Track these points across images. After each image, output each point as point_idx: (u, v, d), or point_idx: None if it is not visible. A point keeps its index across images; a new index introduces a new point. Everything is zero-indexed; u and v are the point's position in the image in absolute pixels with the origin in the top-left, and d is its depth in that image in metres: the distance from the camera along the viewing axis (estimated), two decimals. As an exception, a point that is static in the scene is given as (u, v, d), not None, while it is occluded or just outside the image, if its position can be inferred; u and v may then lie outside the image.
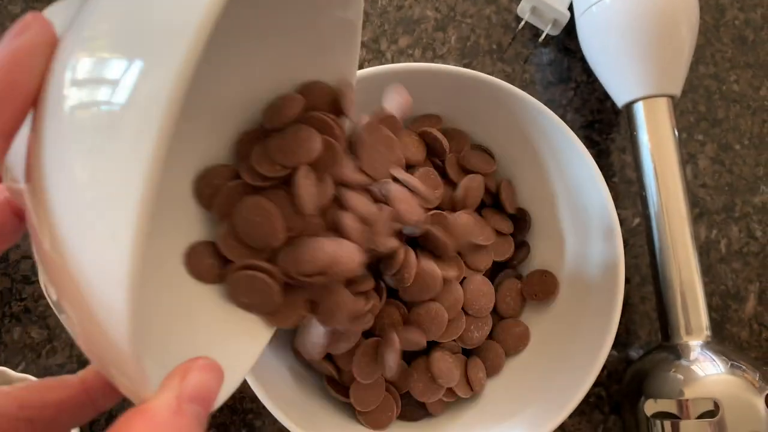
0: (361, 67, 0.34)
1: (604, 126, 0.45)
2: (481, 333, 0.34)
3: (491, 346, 0.35)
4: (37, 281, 0.40)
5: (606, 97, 0.44)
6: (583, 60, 0.44)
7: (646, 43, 0.38)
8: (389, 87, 0.30)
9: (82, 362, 0.39)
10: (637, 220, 0.43)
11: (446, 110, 0.37)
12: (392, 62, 0.44)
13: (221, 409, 0.39)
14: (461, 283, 0.34)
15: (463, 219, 0.34)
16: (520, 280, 0.37)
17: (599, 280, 0.34)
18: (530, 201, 0.38)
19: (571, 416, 0.40)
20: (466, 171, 0.36)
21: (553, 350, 0.35)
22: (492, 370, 0.35)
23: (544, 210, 0.38)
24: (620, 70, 0.39)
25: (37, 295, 0.40)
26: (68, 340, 0.39)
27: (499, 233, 0.36)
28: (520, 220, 0.38)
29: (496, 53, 0.45)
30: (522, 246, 0.38)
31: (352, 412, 0.34)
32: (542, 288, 0.36)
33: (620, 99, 0.40)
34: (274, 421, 0.34)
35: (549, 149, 0.36)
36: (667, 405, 0.35)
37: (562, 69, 0.45)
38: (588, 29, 0.40)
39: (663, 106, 0.38)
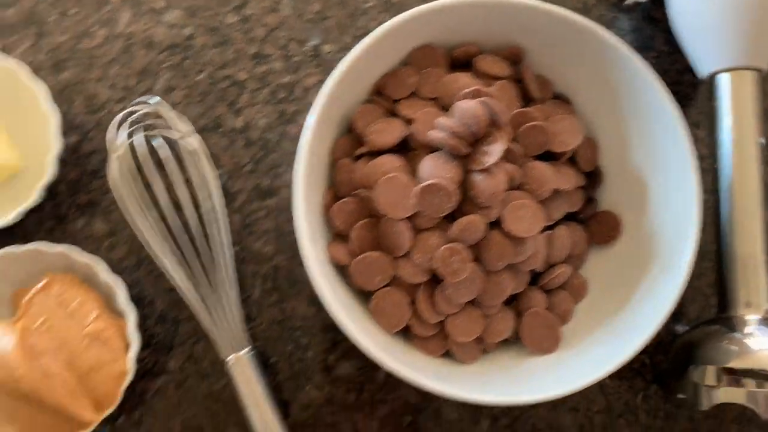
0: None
1: (680, 98, 0.44)
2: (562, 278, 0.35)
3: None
4: (105, 176, 0.41)
5: (686, 69, 0.43)
6: (666, 31, 0.43)
7: (742, 11, 0.37)
8: None
9: (142, 258, 0.40)
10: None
11: (531, 55, 0.37)
12: None
13: (270, 323, 0.40)
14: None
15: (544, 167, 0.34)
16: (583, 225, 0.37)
17: (668, 242, 0.34)
18: (604, 157, 0.38)
19: (612, 379, 0.40)
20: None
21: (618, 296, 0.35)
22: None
23: (616, 167, 0.38)
24: (709, 38, 0.39)
25: (104, 189, 0.41)
26: (129, 236, 0.40)
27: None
28: (591, 175, 0.38)
29: (581, 12, 0.45)
30: (590, 201, 0.38)
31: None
32: (605, 229, 0.37)
33: (704, 69, 0.39)
34: (321, 341, 0.35)
35: (634, 107, 0.36)
36: (718, 374, 0.34)
37: (644, 37, 0.45)
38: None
39: (749, 79, 0.38)
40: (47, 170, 0.37)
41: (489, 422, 0.40)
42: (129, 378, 0.35)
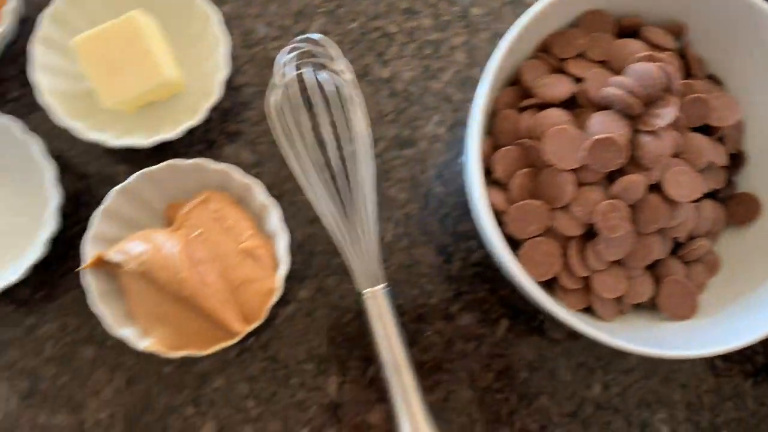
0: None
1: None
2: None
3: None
4: (256, 108, 0.43)
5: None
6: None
7: None
8: None
9: (283, 191, 0.41)
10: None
11: (690, 33, 0.38)
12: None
13: (399, 266, 0.41)
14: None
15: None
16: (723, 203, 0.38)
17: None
18: (747, 141, 0.39)
19: (723, 361, 0.41)
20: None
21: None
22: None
23: (758, 151, 0.38)
24: None
25: (253, 121, 0.42)
26: (273, 169, 0.42)
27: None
28: (734, 157, 0.39)
29: None
30: (729, 182, 0.39)
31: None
32: (743, 210, 0.37)
33: None
34: (445, 291, 0.35)
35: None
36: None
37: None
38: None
39: None
40: (215, 92, 0.39)
41: (600, 388, 0.41)
42: (277, 296, 0.36)
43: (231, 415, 0.39)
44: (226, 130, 0.42)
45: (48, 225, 0.37)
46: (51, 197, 0.37)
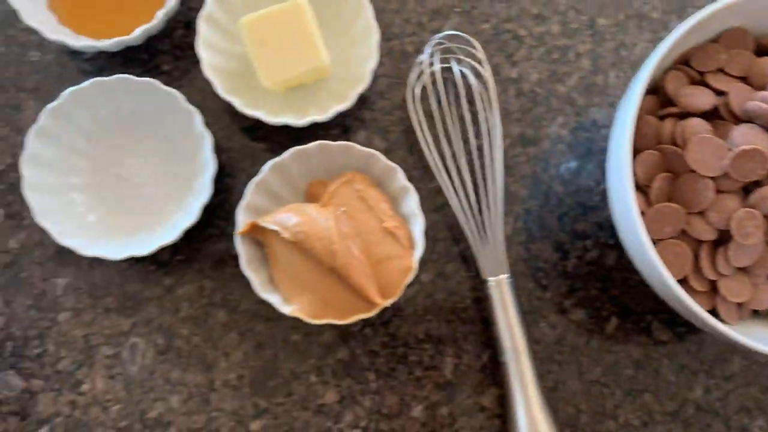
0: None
1: None
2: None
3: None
4: (389, 98, 0.45)
5: None
6: None
7: None
8: None
9: (410, 179, 0.44)
10: None
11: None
12: None
13: (516, 259, 0.43)
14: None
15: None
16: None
17: None
18: None
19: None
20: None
21: None
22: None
23: None
24: None
25: (386, 110, 0.44)
26: (402, 157, 0.44)
27: None
28: None
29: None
30: None
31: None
32: None
33: None
34: (560, 286, 0.37)
35: None
36: None
37: None
38: None
39: None
40: (365, 79, 0.41)
41: (702, 391, 0.43)
42: (413, 274, 0.38)
43: (351, 385, 0.41)
44: (361, 116, 0.45)
45: (203, 193, 0.39)
46: (207, 166, 0.39)
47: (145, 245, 0.39)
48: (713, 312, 0.38)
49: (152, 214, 0.42)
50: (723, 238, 0.36)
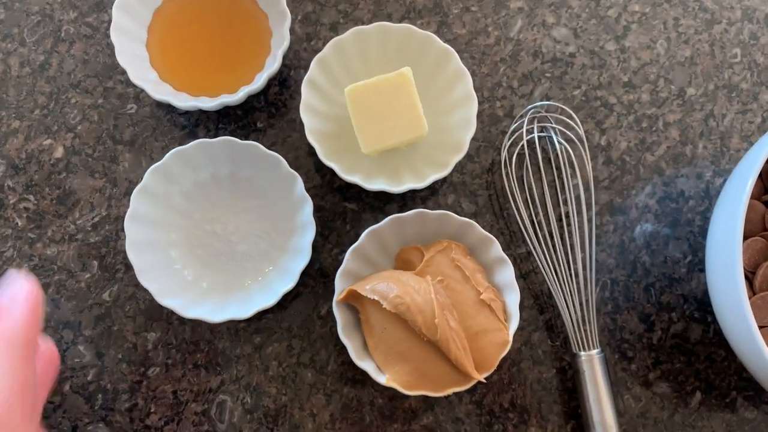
0: None
1: None
2: None
3: None
4: (479, 162, 0.45)
5: None
6: None
7: None
8: None
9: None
10: None
11: None
12: None
13: (602, 328, 0.43)
14: None
15: None
16: None
17: None
18: None
19: None
20: None
21: None
22: None
23: None
24: None
25: (477, 172, 0.45)
26: (490, 220, 0.44)
27: None
28: None
29: None
30: None
31: None
32: None
33: None
34: (645, 358, 0.37)
35: None
36: None
37: None
38: None
39: None
40: (463, 148, 0.41)
41: (787, 471, 0.42)
42: (508, 348, 0.39)
43: (436, 452, 0.41)
44: (450, 179, 0.45)
45: (302, 256, 0.40)
46: (306, 229, 0.40)
47: (243, 307, 0.39)
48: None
49: (247, 272, 0.42)
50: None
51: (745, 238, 0.37)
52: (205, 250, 0.42)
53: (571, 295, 0.42)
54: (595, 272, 0.42)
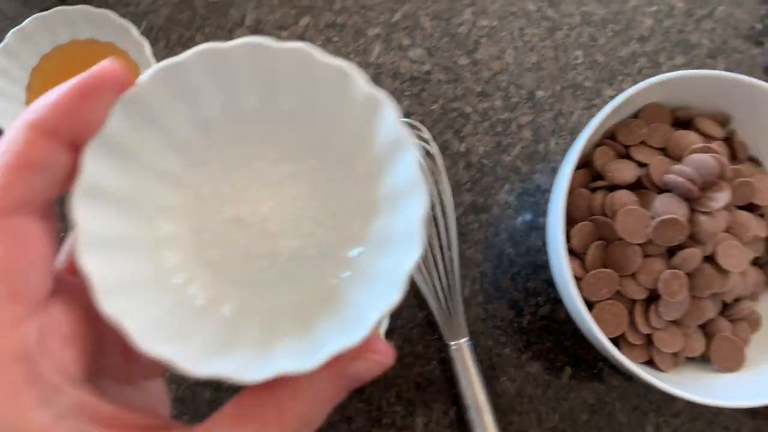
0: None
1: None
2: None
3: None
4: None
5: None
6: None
7: None
8: None
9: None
10: None
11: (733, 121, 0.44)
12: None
13: (475, 319, 0.47)
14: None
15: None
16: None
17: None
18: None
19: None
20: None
21: None
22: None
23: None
24: None
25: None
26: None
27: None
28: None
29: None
30: None
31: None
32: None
33: None
34: (516, 342, 0.41)
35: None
36: None
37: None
38: None
39: None
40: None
41: (653, 429, 0.47)
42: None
43: (331, 450, 0.45)
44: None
45: (410, 247, 0.21)
46: (413, 198, 0.27)
47: (304, 348, 0.21)
48: (651, 362, 0.42)
49: (302, 285, 0.23)
50: (653, 296, 0.41)
51: (576, 222, 0.41)
52: (222, 251, 0.23)
53: (442, 292, 0.46)
54: (459, 267, 0.46)
